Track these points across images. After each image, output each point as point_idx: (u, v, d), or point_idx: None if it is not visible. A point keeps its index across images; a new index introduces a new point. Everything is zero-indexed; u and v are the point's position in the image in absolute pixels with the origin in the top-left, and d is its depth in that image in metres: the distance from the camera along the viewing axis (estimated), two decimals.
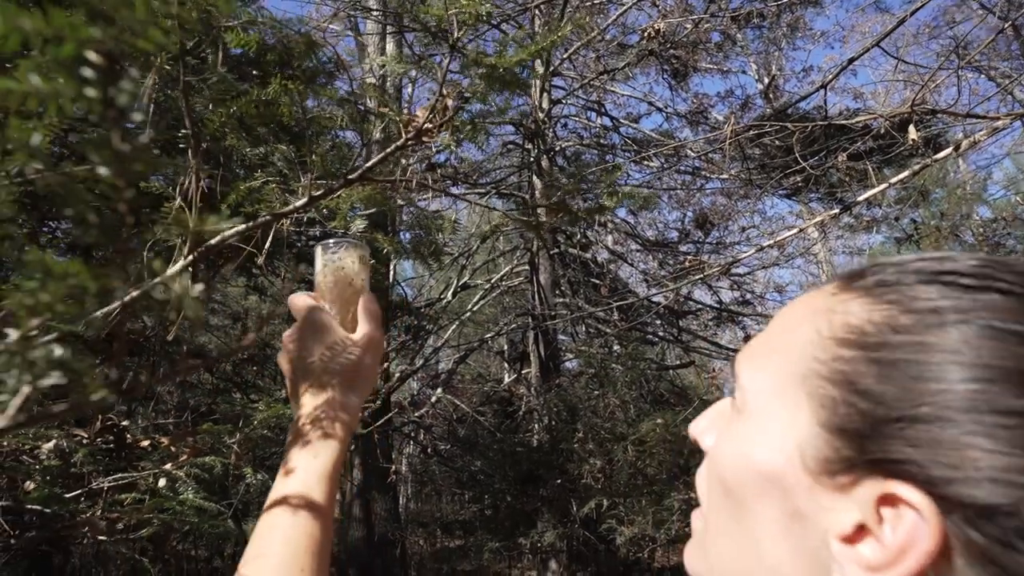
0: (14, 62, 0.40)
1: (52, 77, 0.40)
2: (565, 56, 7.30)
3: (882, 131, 2.77)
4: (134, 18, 0.41)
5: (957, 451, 0.30)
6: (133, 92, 0.46)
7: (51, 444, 1.58)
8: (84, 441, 1.58)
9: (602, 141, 8.54)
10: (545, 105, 7.57)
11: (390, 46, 7.31)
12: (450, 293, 7.19)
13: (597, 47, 7.59)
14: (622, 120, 8.53)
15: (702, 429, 0.46)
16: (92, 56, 0.40)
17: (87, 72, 0.40)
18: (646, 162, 7.94)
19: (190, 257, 0.91)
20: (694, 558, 0.44)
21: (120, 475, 1.64)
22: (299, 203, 0.95)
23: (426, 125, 0.92)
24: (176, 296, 0.39)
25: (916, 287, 0.35)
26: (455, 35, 0.98)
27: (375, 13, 6.76)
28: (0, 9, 0.36)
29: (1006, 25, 3.74)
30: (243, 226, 0.92)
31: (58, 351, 0.40)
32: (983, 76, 6.42)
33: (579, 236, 8.13)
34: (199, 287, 0.42)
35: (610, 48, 7.74)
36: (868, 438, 0.33)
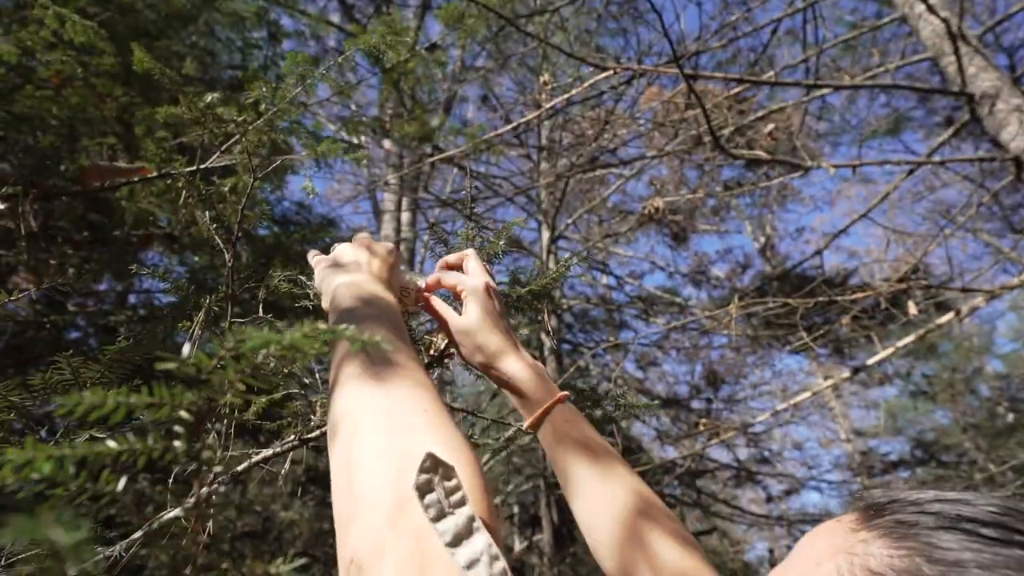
0: (114, 425, 0.43)
1: (144, 436, 0.43)
2: (570, 221, 7.74)
3: (882, 306, 2.83)
4: (224, 380, 0.44)
5: None
6: (215, 448, 0.48)
7: None
8: None
9: (607, 299, 8.77)
10: (552, 266, 7.88)
11: (406, 215, 7.80)
12: None
13: (599, 213, 8.08)
14: (626, 279, 8.82)
15: None
16: (184, 415, 0.43)
17: (177, 428, 0.43)
18: (652, 319, 8.08)
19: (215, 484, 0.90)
20: None
21: None
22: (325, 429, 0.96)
23: (448, 350, 0.95)
24: None
25: (936, 533, 0.35)
26: (471, 205, 1.03)
27: (391, 185, 7.31)
28: (112, 393, 0.38)
29: (986, 197, 3.97)
30: (270, 452, 0.92)
31: None
32: (972, 237, 6.72)
33: (588, 391, 8.04)
34: None
35: (612, 213, 8.23)
36: None
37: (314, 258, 0.78)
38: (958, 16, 2.55)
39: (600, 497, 0.66)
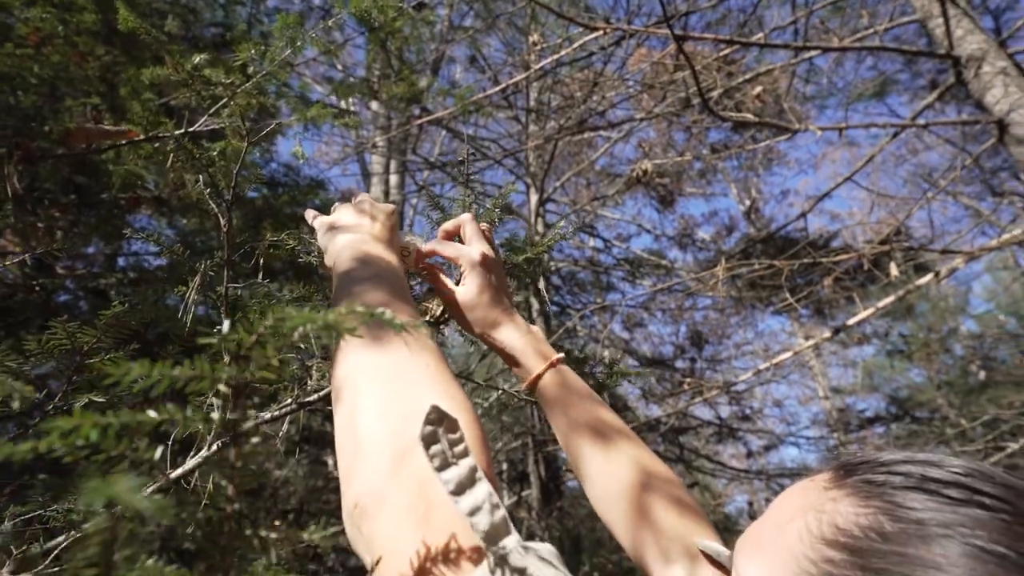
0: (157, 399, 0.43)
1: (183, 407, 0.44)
2: (558, 184, 7.68)
3: (865, 267, 2.87)
4: (264, 356, 0.44)
5: None
6: (255, 421, 0.49)
7: None
8: None
9: (595, 261, 8.78)
10: (540, 229, 7.86)
11: (394, 178, 7.69)
12: None
13: (587, 176, 8.03)
14: (613, 241, 8.82)
15: None
16: (222, 388, 0.44)
17: (214, 400, 0.44)
18: (638, 281, 8.13)
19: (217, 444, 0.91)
20: None
21: None
22: (323, 392, 0.97)
23: (445, 316, 0.95)
24: None
25: (902, 492, 0.36)
26: (467, 171, 1.02)
27: (380, 147, 7.19)
28: (158, 365, 0.39)
29: (968, 161, 3.99)
30: (269, 415, 0.94)
31: None
32: (952, 200, 6.77)
33: (576, 352, 8.13)
34: None
35: (600, 176, 8.18)
36: None
37: (315, 218, 0.77)
38: None
39: (606, 478, 0.67)
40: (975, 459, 0.38)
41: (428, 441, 0.40)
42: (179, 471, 0.55)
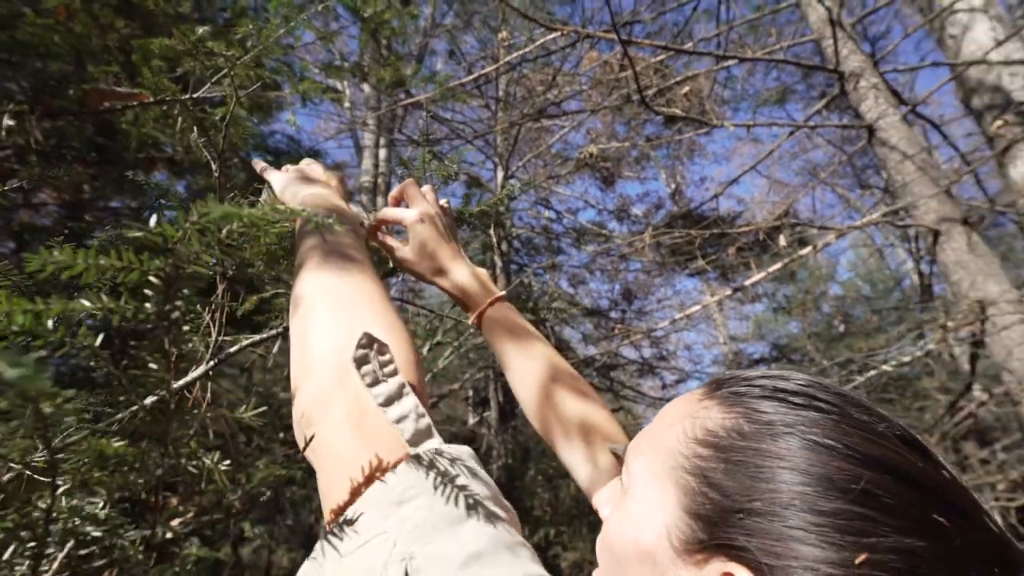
0: (86, 286, 0.40)
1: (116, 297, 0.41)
2: (520, 164, 7.57)
3: (760, 239, 2.94)
4: (189, 251, 0.42)
5: (781, 542, 0.30)
6: (190, 309, 0.46)
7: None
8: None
9: (548, 229, 8.77)
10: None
11: (383, 152, 7.44)
12: (424, 350, 7.07)
13: (544, 158, 7.92)
14: (564, 213, 8.80)
15: (602, 502, 0.46)
16: (154, 280, 0.41)
17: (149, 292, 0.41)
18: (583, 246, 8.18)
19: (212, 363, 0.89)
20: None
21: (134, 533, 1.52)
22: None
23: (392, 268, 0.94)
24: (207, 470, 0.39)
25: (757, 400, 0.36)
26: (426, 135, 1.00)
27: (370, 125, 6.94)
28: (80, 253, 0.36)
29: (843, 158, 4.09)
30: (258, 337, 0.92)
31: (101, 514, 0.38)
32: (830, 190, 6.96)
33: (530, 304, 8.22)
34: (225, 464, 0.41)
35: (555, 159, 8.08)
36: (716, 525, 0.33)
37: (264, 169, 0.72)
38: (838, 6, 2.51)
39: (522, 371, 0.68)
40: (814, 375, 0.39)
41: (360, 362, 0.40)
42: (181, 382, 0.53)
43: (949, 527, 0.30)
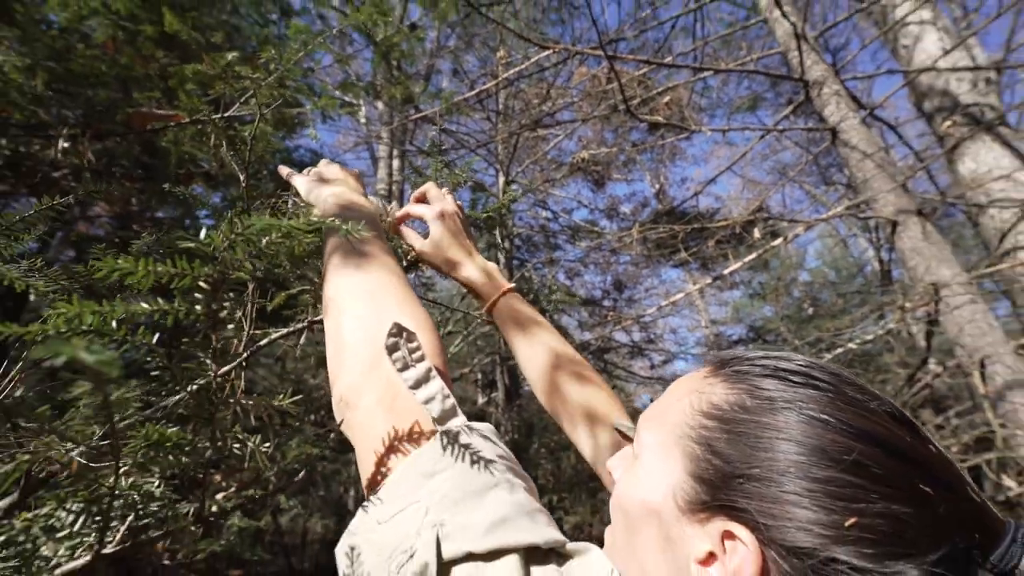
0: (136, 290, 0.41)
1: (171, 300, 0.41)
2: (519, 170, 7.54)
3: (737, 232, 2.92)
4: (233, 258, 0.42)
5: (777, 504, 0.30)
6: (232, 308, 0.46)
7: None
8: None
9: (546, 228, 8.75)
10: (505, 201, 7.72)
11: (396, 162, 7.42)
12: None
13: (541, 164, 7.88)
14: (560, 213, 8.77)
15: (614, 466, 0.45)
16: (203, 284, 0.41)
17: (198, 295, 0.41)
18: (577, 242, 8.16)
19: (246, 354, 0.90)
20: None
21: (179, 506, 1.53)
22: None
23: (412, 259, 0.93)
24: (250, 452, 0.40)
25: (760, 378, 0.36)
26: (439, 147, 1.00)
27: (384, 139, 6.92)
28: (142, 261, 0.37)
29: (809, 158, 4.06)
30: (285, 331, 0.92)
31: (157, 491, 0.39)
32: (798, 187, 6.90)
33: (531, 295, 8.23)
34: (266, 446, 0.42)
35: (550, 164, 8.05)
36: (719, 488, 0.33)
37: (290, 174, 0.72)
38: (803, 21, 2.48)
39: (529, 358, 0.68)
40: (812, 357, 0.38)
41: (391, 349, 0.40)
42: (223, 369, 0.54)
43: (934, 496, 0.29)
